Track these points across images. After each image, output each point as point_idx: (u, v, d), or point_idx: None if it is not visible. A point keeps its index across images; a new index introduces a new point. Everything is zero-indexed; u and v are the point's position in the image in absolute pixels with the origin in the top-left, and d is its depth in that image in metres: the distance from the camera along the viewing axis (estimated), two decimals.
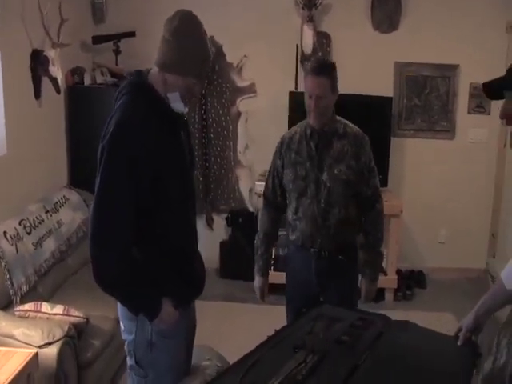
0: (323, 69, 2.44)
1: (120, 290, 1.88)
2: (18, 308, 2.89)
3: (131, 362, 2.01)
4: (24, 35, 3.62)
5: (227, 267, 4.96)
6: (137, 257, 1.88)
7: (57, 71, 3.94)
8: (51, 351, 2.60)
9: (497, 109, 4.46)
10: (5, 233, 3.14)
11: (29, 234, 3.35)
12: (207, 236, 5.01)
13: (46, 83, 3.93)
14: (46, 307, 2.90)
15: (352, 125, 2.60)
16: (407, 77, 4.78)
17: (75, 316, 2.89)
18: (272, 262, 4.67)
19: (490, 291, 1.74)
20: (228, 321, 4.20)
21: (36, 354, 2.47)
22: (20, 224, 3.31)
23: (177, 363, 2.03)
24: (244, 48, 4.81)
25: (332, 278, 2.60)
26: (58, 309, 2.89)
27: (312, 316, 2.03)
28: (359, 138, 2.57)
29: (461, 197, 4.96)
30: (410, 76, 4.78)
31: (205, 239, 4.63)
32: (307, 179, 2.54)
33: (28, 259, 3.24)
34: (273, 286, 4.54)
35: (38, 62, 3.78)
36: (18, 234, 3.23)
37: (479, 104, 4.73)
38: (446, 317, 4.28)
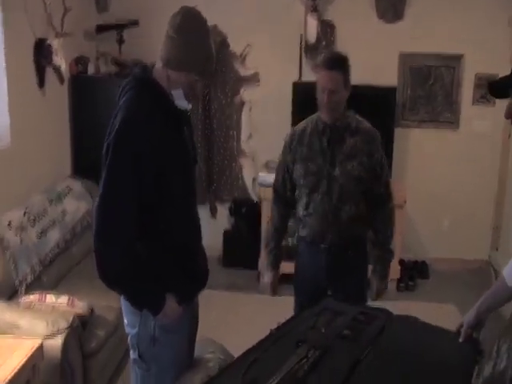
0: (336, 63, 2.40)
1: (124, 285, 1.89)
2: (23, 298, 2.91)
3: (134, 355, 2.03)
4: (27, 25, 3.60)
5: (230, 256, 4.97)
6: (140, 252, 1.89)
7: (60, 61, 3.94)
8: (56, 342, 2.62)
9: (501, 101, 4.46)
10: (9, 223, 3.16)
11: (33, 224, 3.36)
12: (210, 225, 5.02)
13: (50, 73, 3.94)
14: (50, 298, 2.92)
15: (364, 120, 2.57)
16: (411, 67, 4.74)
17: (79, 307, 2.92)
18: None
19: (492, 288, 1.75)
20: (230, 310, 4.22)
21: (41, 345, 2.49)
22: (24, 214, 3.32)
23: (179, 357, 2.05)
24: (247, 37, 4.78)
25: (342, 274, 2.59)
26: (63, 299, 2.92)
27: (315, 310, 2.04)
28: (372, 134, 2.53)
29: (464, 188, 4.94)
30: (414, 66, 4.74)
31: (208, 228, 4.63)
32: (319, 175, 2.50)
33: (32, 249, 3.26)
34: None
35: (42, 52, 3.77)
36: (22, 224, 3.25)
37: (484, 95, 4.67)
38: (448, 308, 4.28)
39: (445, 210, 5.01)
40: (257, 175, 4.86)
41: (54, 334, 2.64)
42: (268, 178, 4.55)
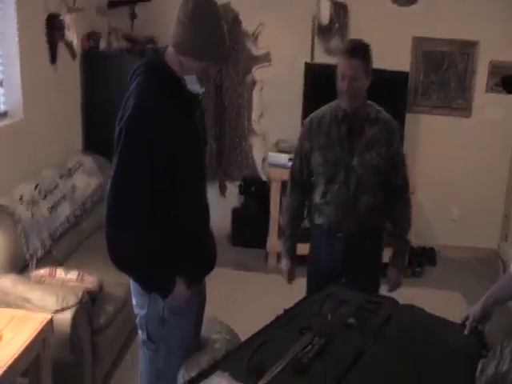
0: (357, 51, 2.37)
1: (134, 270, 1.92)
2: (34, 273, 2.95)
3: (143, 336, 2.06)
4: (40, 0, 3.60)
5: (239, 235, 5.00)
6: (151, 238, 1.90)
7: (72, 36, 3.94)
8: (65, 317, 2.66)
9: None
10: (21, 197, 3.17)
11: (44, 198, 3.39)
12: (219, 203, 5.05)
13: (62, 48, 3.93)
14: (60, 272, 2.96)
15: (383, 110, 2.54)
16: (425, 52, 4.68)
17: (89, 282, 2.95)
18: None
19: (499, 282, 1.76)
20: (238, 289, 4.26)
21: (51, 320, 2.54)
22: (35, 189, 3.34)
23: (187, 338, 2.08)
24: (260, 16, 4.75)
25: (357, 264, 2.59)
26: (73, 275, 2.95)
27: (321, 296, 2.07)
28: (391, 124, 2.51)
29: (475, 176, 4.92)
30: (427, 51, 4.68)
31: (217, 206, 4.69)
32: (337, 164, 2.48)
33: (43, 224, 3.29)
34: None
35: (54, 27, 3.76)
36: (33, 198, 3.27)
37: (498, 82, 4.61)
38: (454, 296, 4.29)
39: (455, 198, 5.00)
40: (267, 155, 4.86)
41: (64, 309, 2.68)
42: (278, 157, 4.57)
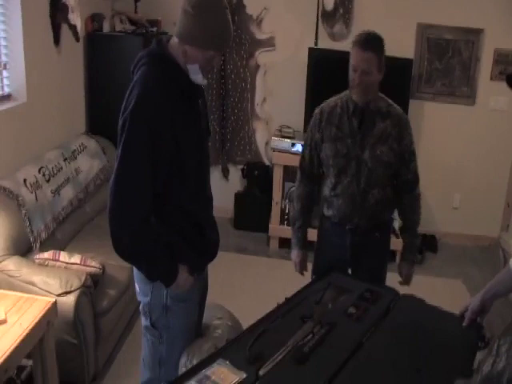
0: (371, 43, 2.33)
1: (137, 260, 1.94)
2: (38, 256, 2.97)
3: (146, 323, 2.09)
4: None
5: (241, 218, 5.03)
6: (154, 227, 1.92)
7: (76, 18, 3.92)
8: (69, 300, 2.70)
9: None
10: (25, 181, 3.19)
11: (48, 181, 3.40)
12: (222, 186, 5.08)
13: (65, 30, 3.92)
14: (63, 256, 2.97)
15: (394, 104, 2.52)
16: (429, 39, 4.66)
17: (92, 266, 2.98)
18: (286, 216, 4.75)
19: (499, 275, 1.78)
20: (239, 272, 4.30)
21: (55, 303, 2.56)
22: (39, 172, 3.36)
23: (190, 325, 2.12)
24: (264, 0, 4.72)
25: (365, 255, 2.61)
26: (76, 258, 2.97)
27: (322, 285, 2.09)
28: (402, 119, 2.49)
29: (478, 163, 4.92)
30: (432, 38, 4.65)
31: (220, 189, 4.72)
32: (348, 157, 2.47)
33: (47, 207, 3.31)
34: (285, 240, 4.67)
35: (57, 9, 3.74)
36: (37, 181, 3.28)
37: (503, 71, 4.59)
38: (455, 284, 4.32)
39: (457, 185, 5.00)
40: (270, 139, 4.86)
41: (68, 293, 2.71)
42: (281, 142, 4.57)
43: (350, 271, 2.68)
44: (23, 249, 3.05)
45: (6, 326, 2.33)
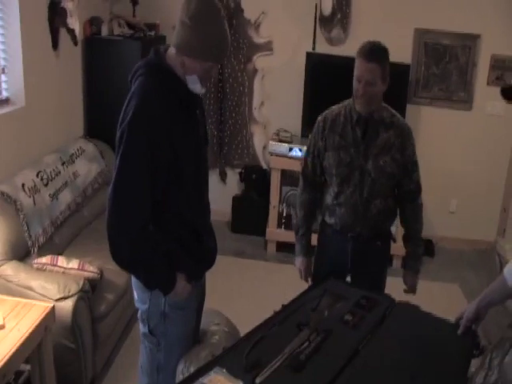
0: (376, 54, 2.31)
1: (135, 269, 1.95)
2: (36, 261, 2.97)
3: (144, 330, 2.10)
4: None
5: (238, 222, 5.04)
6: (151, 238, 1.92)
7: (74, 23, 3.93)
8: (67, 305, 2.70)
9: None
10: (23, 185, 3.19)
11: (46, 185, 3.40)
12: (220, 190, 5.10)
13: (64, 34, 3.93)
14: (62, 261, 2.97)
15: (397, 114, 2.52)
16: (427, 44, 4.67)
17: (90, 271, 2.98)
18: (283, 220, 4.77)
19: (494, 284, 1.79)
20: (236, 276, 4.31)
21: (53, 308, 2.57)
22: (37, 176, 3.36)
23: (188, 332, 2.13)
24: (262, 4, 4.75)
25: (366, 261, 2.61)
26: (74, 263, 2.97)
27: (318, 291, 2.11)
28: (405, 129, 2.49)
29: (474, 168, 4.93)
30: (429, 43, 4.67)
31: (217, 193, 4.73)
32: (351, 166, 2.47)
33: (45, 211, 3.31)
34: (283, 244, 4.69)
35: (56, 13, 3.75)
36: (35, 185, 3.28)
37: (499, 76, 4.62)
38: (452, 288, 4.34)
39: (454, 190, 5.01)
40: (267, 143, 4.88)
41: (65, 298, 2.72)
42: (278, 147, 4.59)
43: (349, 278, 2.69)
44: (21, 253, 3.05)
45: (4, 331, 2.35)
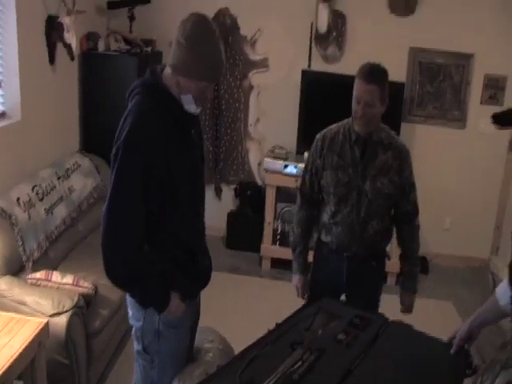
0: (375, 76, 2.33)
1: (130, 288, 1.96)
2: (30, 276, 2.97)
3: (138, 347, 2.10)
4: (39, 1, 3.62)
5: (233, 238, 5.04)
6: (146, 255, 1.94)
7: (71, 38, 3.95)
8: (61, 321, 2.70)
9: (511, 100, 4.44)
10: (18, 199, 3.19)
11: (41, 200, 3.40)
12: (215, 206, 5.10)
13: (61, 49, 3.96)
14: (56, 276, 2.97)
15: (396, 135, 2.54)
16: (421, 63, 4.73)
17: (84, 286, 2.98)
18: (278, 237, 4.77)
19: (486, 304, 1.80)
20: (231, 292, 4.30)
21: (47, 323, 2.57)
22: (33, 190, 3.36)
23: (181, 350, 2.13)
24: (258, 22, 4.79)
25: (361, 280, 2.61)
26: (68, 279, 2.97)
27: (312, 310, 2.11)
28: (403, 151, 2.51)
29: (468, 186, 4.96)
30: (424, 62, 4.73)
31: (213, 209, 4.73)
32: (349, 186, 2.47)
33: (40, 226, 3.31)
34: (277, 260, 4.69)
35: (53, 28, 3.78)
36: (30, 200, 3.29)
37: (492, 95, 4.68)
38: (445, 306, 4.35)
39: (448, 207, 5.03)
40: (262, 159, 4.89)
41: (60, 313, 2.72)
42: (273, 164, 4.61)
43: (344, 296, 2.70)
44: (15, 268, 3.05)
45: None
